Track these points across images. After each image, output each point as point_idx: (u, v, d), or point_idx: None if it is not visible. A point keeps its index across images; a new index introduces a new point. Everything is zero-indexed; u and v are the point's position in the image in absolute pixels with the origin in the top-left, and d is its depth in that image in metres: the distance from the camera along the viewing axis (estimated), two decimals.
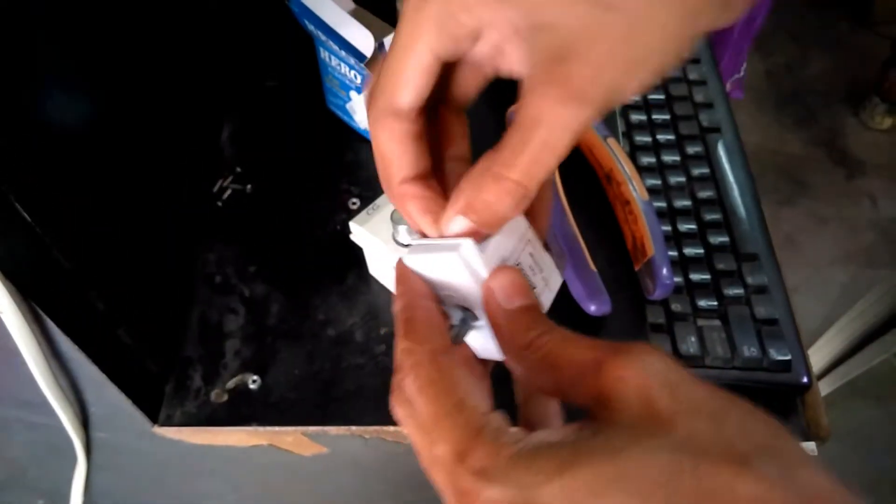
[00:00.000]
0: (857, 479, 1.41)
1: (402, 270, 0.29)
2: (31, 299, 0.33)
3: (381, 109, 0.28)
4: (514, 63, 0.28)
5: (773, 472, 0.20)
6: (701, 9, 0.25)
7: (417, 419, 0.26)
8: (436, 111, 0.31)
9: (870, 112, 1.95)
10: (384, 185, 0.30)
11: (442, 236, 0.29)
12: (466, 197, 0.27)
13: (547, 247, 0.31)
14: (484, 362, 0.30)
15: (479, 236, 0.28)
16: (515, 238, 0.29)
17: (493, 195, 0.26)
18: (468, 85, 0.30)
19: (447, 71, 0.30)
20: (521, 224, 0.30)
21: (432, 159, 0.30)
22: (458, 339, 0.29)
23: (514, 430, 0.24)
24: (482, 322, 0.29)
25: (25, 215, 0.31)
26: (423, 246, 0.29)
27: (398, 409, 0.27)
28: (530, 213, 0.31)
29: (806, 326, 1.49)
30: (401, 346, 0.27)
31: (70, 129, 0.37)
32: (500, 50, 0.28)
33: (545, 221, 0.32)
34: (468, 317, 0.29)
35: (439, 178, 0.30)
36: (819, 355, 1.34)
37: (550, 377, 0.26)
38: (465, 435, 0.24)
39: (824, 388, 1.32)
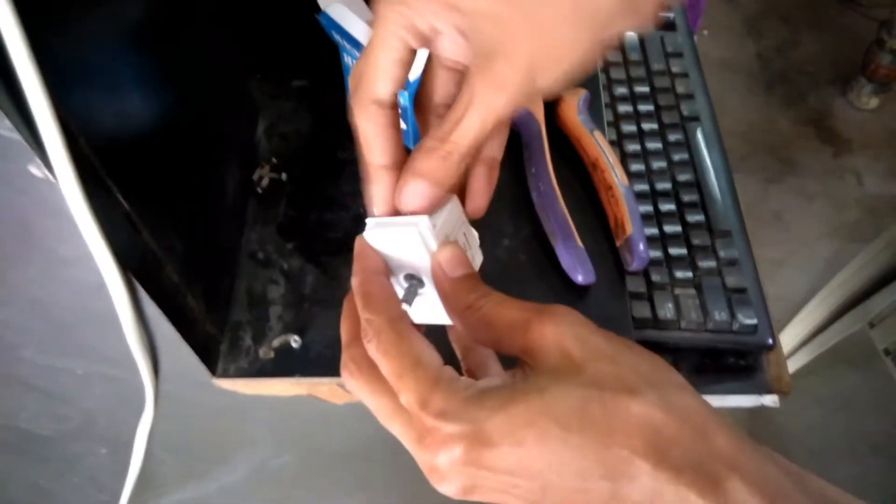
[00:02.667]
0: (838, 441, 1.49)
1: (361, 248, 0.35)
2: (130, 271, 0.41)
3: (363, 99, 0.33)
4: (468, 58, 0.34)
5: (654, 398, 0.27)
6: (606, 21, 0.31)
7: (379, 378, 0.31)
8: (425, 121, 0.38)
9: (857, 92, 2.00)
10: (362, 166, 0.35)
11: (397, 214, 0.35)
12: (417, 163, 0.33)
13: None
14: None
15: (431, 208, 0.33)
16: (454, 218, 0.35)
17: (439, 158, 0.32)
18: (446, 84, 0.37)
19: (431, 82, 0.37)
20: (458, 207, 0.36)
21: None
22: (408, 303, 0.35)
23: (463, 379, 0.30)
24: (428, 289, 0.35)
25: (126, 205, 0.39)
26: (381, 223, 0.34)
27: (354, 378, 0.32)
28: (471, 193, 0.37)
29: (791, 298, 1.56)
30: (363, 316, 0.32)
31: (151, 135, 0.45)
32: (458, 46, 0.34)
33: (483, 201, 0.38)
34: (415, 284, 0.35)
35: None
36: (802, 325, 1.40)
37: (488, 333, 0.31)
38: (426, 385, 0.29)
39: (807, 355, 1.38)
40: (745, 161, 1.90)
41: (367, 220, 0.35)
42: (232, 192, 0.59)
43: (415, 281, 0.35)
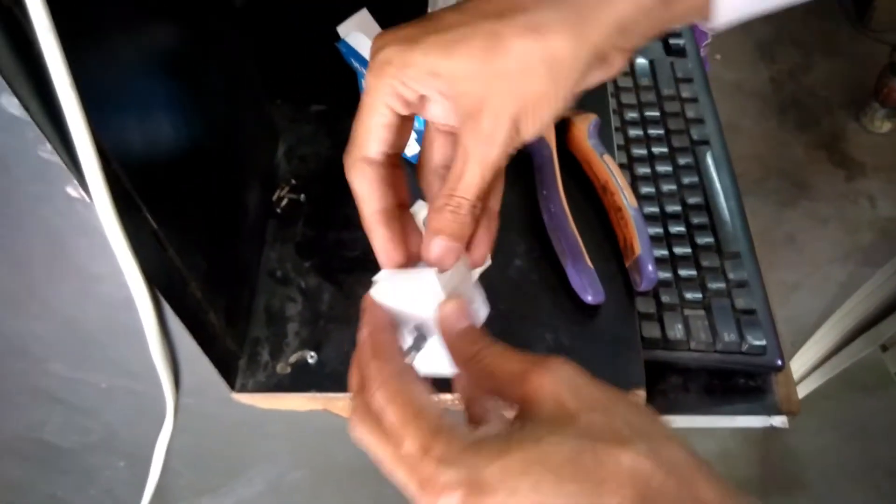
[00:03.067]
0: (852, 465, 1.48)
1: (369, 303, 0.37)
2: (156, 288, 0.43)
3: (354, 157, 0.37)
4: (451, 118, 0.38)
5: (644, 448, 0.28)
6: (579, 77, 0.34)
7: (384, 426, 0.32)
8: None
9: (870, 116, 2.01)
10: (360, 216, 0.39)
11: (400, 263, 0.38)
12: (434, 221, 0.36)
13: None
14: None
15: (454, 261, 0.37)
16: (460, 272, 0.38)
17: (450, 211, 0.36)
18: (444, 147, 0.39)
19: (429, 146, 0.40)
20: (463, 260, 0.39)
21: (398, 197, 0.39)
22: (410, 358, 0.36)
23: (463, 427, 0.31)
24: (433, 341, 0.37)
25: (154, 224, 0.41)
26: (390, 277, 0.37)
27: (361, 425, 0.33)
28: (473, 242, 0.40)
29: (805, 321, 1.56)
30: (371, 365, 0.34)
31: (178, 158, 0.47)
32: (447, 111, 0.37)
33: (484, 250, 0.40)
34: (421, 336, 0.37)
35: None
36: (815, 348, 1.40)
37: (490, 382, 0.33)
38: (427, 433, 0.30)
39: (820, 378, 1.38)
40: (758, 185, 1.91)
41: (375, 277, 0.37)
42: (253, 213, 0.61)
43: (421, 333, 0.37)
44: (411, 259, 0.39)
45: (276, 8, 0.76)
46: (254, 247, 0.62)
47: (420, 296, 0.36)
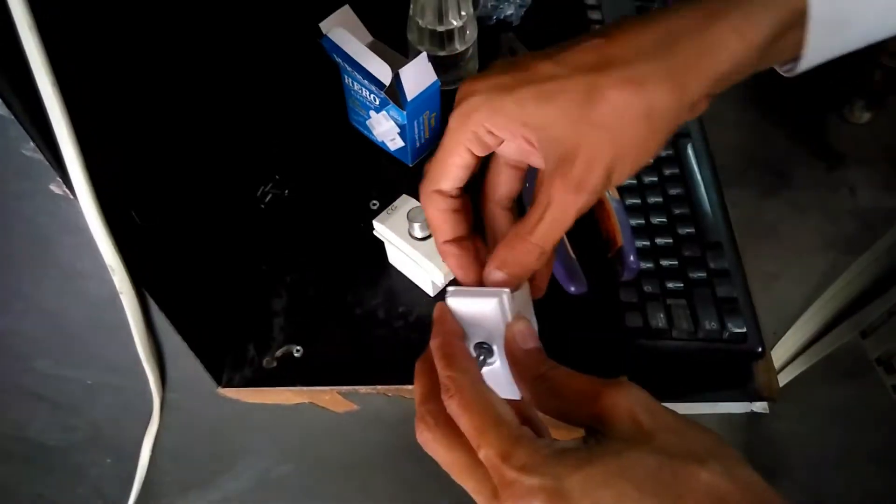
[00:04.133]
0: (835, 450, 1.50)
1: (441, 313, 0.38)
2: (142, 285, 0.43)
3: (429, 190, 0.39)
4: (533, 160, 0.39)
5: (720, 468, 0.29)
6: (668, 126, 0.34)
7: (458, 433, 0.32)
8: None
9: (850, 107, 2.02)
10: (435, 241, 0.40)
11: (480, 285, 0.39)
12: (502, 255, 0.37)
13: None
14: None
15: (511, 286, 0.37)
16: (525, 296, 0.39)
17: (521, 253, 0.36)
18: (510, 181, 0.41)
19: (496, 177, 0.41)
20: (527, 286, 0.40)
21: (467, 222, 0.40)
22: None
23: (543, 438, 0.31)
24: (495, 361, 0.38)
25: (138, 220, 0.42)
26: (463, 292, 0.38)
27: (430, 431, 0.34)
28: (537, 275, 0.41)
29: (787, 310, 1.57)
30: (445, 373, 0.34)
31: (163, 153, 0.47)
32: (522, 151, 0.38)
33: (545, 284, 0.42)
34: (485, 353, 0.38)
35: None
36: (797, 335, 1.41)
37: (557, 402, 0.33)
38: (508, 440, 0.30)
39: (802, 364, 1.39)
40: (740, 175, 1.92)
41: (449, 288, 0.38)
42: (238, 208, 0.61)
43: (485, 350, 0.38)
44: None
45: (260, 3, 0.76)
46: (239, 242, 0.62)
47: (492, 312, 0.37)
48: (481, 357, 0.37)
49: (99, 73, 0.38)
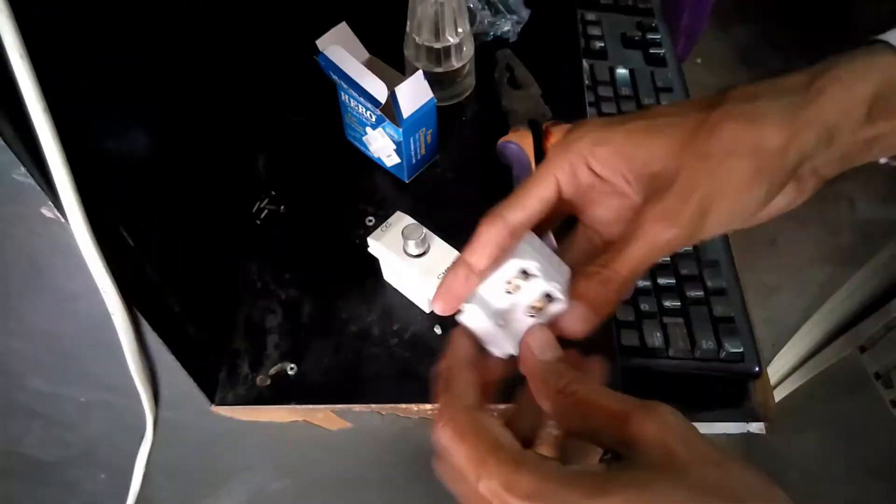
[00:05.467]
0: (835, 464, 1.49)
1: (454, 338, 0.35)
2: (133, 304, 0.43)
3: (497, 213, 0.35)
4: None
5: None
6: (775, 171, 0.32)
7: (456, 466, 0.29)
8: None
9: None
10: (459, 259, 0.36)
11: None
12: (581, 285, 0.33)
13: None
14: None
15: (589, 332, 0.33)
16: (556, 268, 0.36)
17: (599, 283, 0.33)
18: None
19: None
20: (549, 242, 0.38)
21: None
22: (513, 286, 0.34)
23: (551, 460, 0.29)
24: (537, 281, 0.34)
25: (130, 242, 0.42)
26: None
27: (440, 461, 0.31)
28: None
29: (787, 322, 1.57)
30: (440, 400, 0.32)
31: (156, 173, 0.47)
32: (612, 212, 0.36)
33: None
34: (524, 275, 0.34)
35: None
36: (796, 349, 1.41)
37: (581, 420, 0.30)
38: (509, 468, 0.27)
39: (800, 378, 1.39)
40: None
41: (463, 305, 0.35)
42: (232, 224, 0.61)
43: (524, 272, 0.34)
44: None
45: (257, 21, 0.76)
46: (233, 258, 0.62)
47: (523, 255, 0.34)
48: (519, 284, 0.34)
49: (90, 94, 0.38)
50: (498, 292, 0.35)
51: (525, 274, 0.34)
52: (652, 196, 0.33)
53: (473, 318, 0.35)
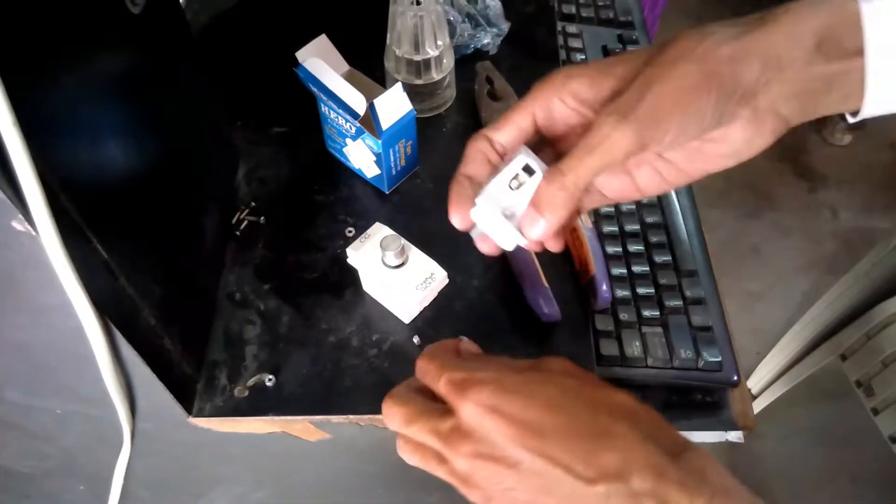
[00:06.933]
0: (818, 471, 1.49)
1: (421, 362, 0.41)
2: (106, 316, 0.43)
3: (481, 132, 0.41)
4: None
5: (628, 396, 0.36)
6: (724, 106, 0.35)
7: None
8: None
9: (830, 129, 2.05)
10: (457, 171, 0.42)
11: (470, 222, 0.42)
12: (540, 190, 0.38)
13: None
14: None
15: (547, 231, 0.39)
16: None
17: (558, 186, 0.37)
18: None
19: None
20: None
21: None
22: (516, 183, 0.40)
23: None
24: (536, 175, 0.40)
25: (104, 254, 0.41)
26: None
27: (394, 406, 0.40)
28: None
29: (770, 330, 1.58)
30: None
31: (132, 184, 0.47)
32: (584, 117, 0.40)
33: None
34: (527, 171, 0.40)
35: None
36: (778, 357, 1.42)
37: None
38: (456, 362, 0.39)
39: (783, 386, 1.40)
40: (723, 197, 1.94)
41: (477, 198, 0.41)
42: (211, 236, 0.61)
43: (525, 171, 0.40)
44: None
45: (236, 32, 0.76)
46: (212, 270, 0.62)
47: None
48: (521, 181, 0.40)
49: (64, 105, 0.38)
50: (504, 189, 0.40)
51: (529, 171, 0.40)
52: (609, 100, 0.37)
53: (485, 212, 0.40)
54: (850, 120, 0.37)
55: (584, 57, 0.88)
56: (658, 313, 0.68)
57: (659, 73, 0.35)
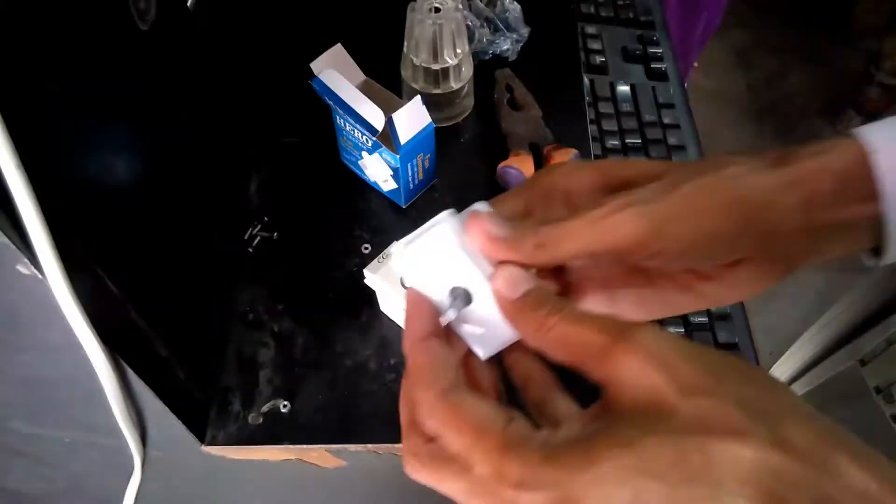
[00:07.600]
0: None
1: (410, 301, 0.32)
2: (114, 349, 0.41)
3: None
4: None
5: (766, 434, 0.23)
6: (741, 239, 0.30)
7: (448, 456, 0.27)
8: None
9: (845, 124, 2.02)
10: None
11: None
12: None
13: None
14: (488, 373, 0.33)
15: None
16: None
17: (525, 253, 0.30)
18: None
19: None
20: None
21: None
22: (447, 317, 0.31)
23: (536, 435, 0.26)
24: (478, 303, 0.31)
25: (113, 289, 0.39)
26: (409, 240, 0.32)
27: (418, 473, 0.29)
28: None
29: (783, 329, 1.55)
30: (414, 396, 0.29)
31: (142, 211, 0.45)
32: None
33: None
34: (460, 298, 0.31)
35: None
36: (794, 360, 1.40)
37: (566, 356, 0.28)
38: (496, 454, 0.26)
39: (799, 389, 1.38)
40: None
41: (389, 248, 0.33)
42: (223, 254, 0.59)
43: (460, 294, 0.32)
44: None
45: (250, 44, 0.74)
46: (225, 290, 0.60)
47: (445, 244, 0.30)
48: (457, 304, 0.31)
49: (67, 138, 0.36)
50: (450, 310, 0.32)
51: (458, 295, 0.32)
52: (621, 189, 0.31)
53: (408, 259, 0.32)
54: (868, 263, 0.35)
55: (603, 59, 0.86)
56: (682, 330, 0.66)
57: (688, 178, 0.30)
